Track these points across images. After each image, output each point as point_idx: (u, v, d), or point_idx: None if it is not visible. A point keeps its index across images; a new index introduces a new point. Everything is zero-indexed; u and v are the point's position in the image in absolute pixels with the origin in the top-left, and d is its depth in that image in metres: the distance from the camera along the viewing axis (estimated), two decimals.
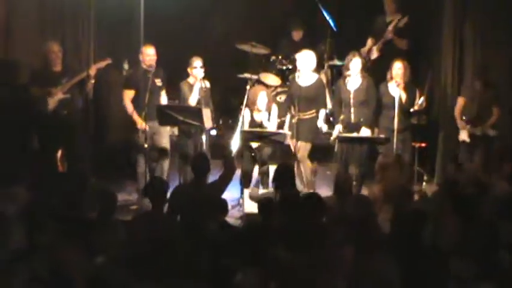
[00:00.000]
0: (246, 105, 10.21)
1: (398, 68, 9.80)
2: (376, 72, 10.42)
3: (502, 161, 9.50)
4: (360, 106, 9.82)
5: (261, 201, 7.21)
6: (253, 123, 10.06)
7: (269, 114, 10.03)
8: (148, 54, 9.89)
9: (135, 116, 9.84)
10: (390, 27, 11.01)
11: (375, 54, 11.23)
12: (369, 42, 11.38)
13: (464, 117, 10.03)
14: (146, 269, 5.96)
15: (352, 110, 9.83)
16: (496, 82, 10.16)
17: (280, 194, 7.74)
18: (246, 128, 10.02)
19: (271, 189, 9.16)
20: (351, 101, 9.81)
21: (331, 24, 11.73)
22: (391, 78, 9.84)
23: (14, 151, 9.85)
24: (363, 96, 9.82)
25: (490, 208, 6.85)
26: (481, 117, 9.93)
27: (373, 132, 9.90)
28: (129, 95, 9.97)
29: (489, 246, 6.05)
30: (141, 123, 9.78)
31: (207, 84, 10.13)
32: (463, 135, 10.00)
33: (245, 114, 10.18)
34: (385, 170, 8.19)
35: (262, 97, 10.01)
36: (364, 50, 11.27)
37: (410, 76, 9.89)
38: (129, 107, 9.93)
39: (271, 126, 10.03)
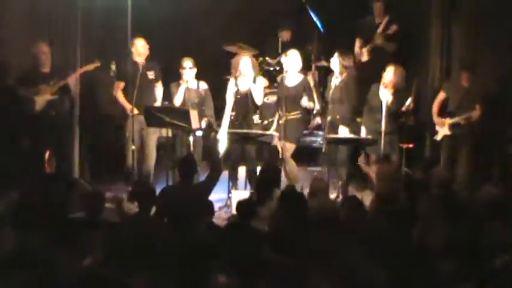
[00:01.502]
0: (231, 75, 10.21)
1: (387, 72, 9.80)
2: (365, 74, 10.46)
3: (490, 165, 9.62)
4: (336, 103, 9.90)
5: (239, 202, 7.26)
6: (237, 93, 10.00)
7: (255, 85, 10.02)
8: (138, 47, 10.05)
9: (125, 103, 9.98)
10: (380, 30, 11.07)
11: (365, 57, 11.27)
12: (357, 42, 11.44)
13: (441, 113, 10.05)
14: (133, 269, 5.99)
15: (330, 106, 9.95)
16: (484, 82, 10.17)
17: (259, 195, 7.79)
18: (231, 96, 10.00)
19: None
20: (329, 98, 9.94)
21: (319, 25, 11.77)
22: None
23: (2, 152, 9.82)
24: (340, 94, 9.87)
25: (479, 209, 6.89)
26: (460, 111, 9.88)
27: (351, 131, 9.93)
28: (119, 86, 10.15)
29: (477, 247, 6.08)
30: (130, 108, 9.89)
31: (203, 85, 10.19)
32: (443, 131, 9.96)
33: (230, 84, 10.13)
34: (384, 178, 8.16)
35: (245, 61, 9.98)
36: (357, 51, 11.35)
37: (402, 81, 9.89)
38: (120, 96, 10.10)
39: (257, 97, 10.01)
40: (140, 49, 10.07)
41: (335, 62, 9.93)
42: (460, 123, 9.84)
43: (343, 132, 9.82)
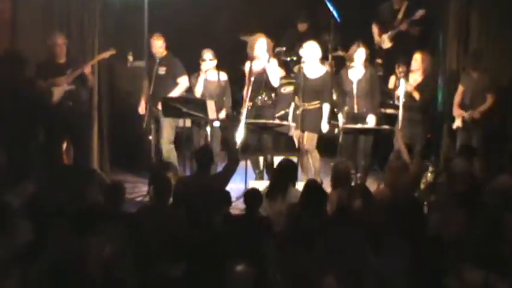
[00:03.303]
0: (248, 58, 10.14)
1: (414, 60, 9.86)
2: (389, 61, 10.44)
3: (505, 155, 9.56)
4: (364, 96, 9.84)
5: (247, 192, 7.28)
6: (251, 73, 9.95)
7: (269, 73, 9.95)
8: (154, 46, 10.09)
9: (142, 100, 10.10)
10: (400, 16, 11.08)
11: (387, 44, 11.26)
12: (374, 28, 11.42)
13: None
14: (151, 259, 6.04)
15: (355, 100, 9.86)
16: (496, 72, 10.10)
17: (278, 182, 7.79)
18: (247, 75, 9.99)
19: None
20: (354, 91, 9.84)
21: (335, 15, 11.73)
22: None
23: (20, 143, 9.86)
24: (367, 87, 9.83)
25: (493, 200, 6.86)
26: (473, 103, 9.84)
27: (379, 120, 9.90)
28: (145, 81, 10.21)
29: (492, 237, 6.07)
30: (141, 108, 10.05)
31: (223, 76, 10.19)
32: (457, 122, 9.91)
33: (246, 66, 10.11)
34: (395, 174, 8.13)
35: (260, 43, 9.95)
36: (378, 40, 11.34)
37: (430, 67, 9.89)
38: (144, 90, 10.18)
39: (273, 77, 9.96)
40: (152, 48, 10.12)
41: (361, 55, 9.84)
42: (473, 117, 9.78)
43: (371, 120, 9.79)
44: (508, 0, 10.26)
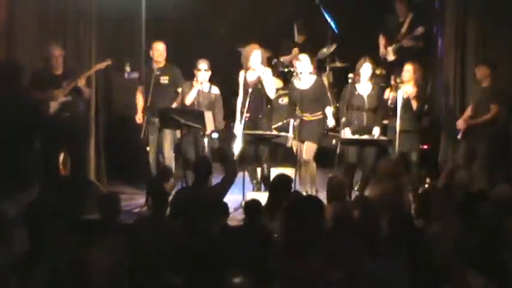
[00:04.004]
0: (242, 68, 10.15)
1: (406, 71, 9.83)
2: (393, 74, 10.48)
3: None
4: (373, 110, 9.86)
5: (246, 203, 7.24)
6: (246, 85, 9.96)
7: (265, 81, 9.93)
8: (157, 50, 10.09)
9: (139, 109, 10.12)
10: (404, 30, 11.11)
11: (391, 57, 11.27)
12: (381, 39, 11.42)
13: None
14: (148, 271, 6.00)
15: (365, 114, 9.85)
16: (501, 81, 10.09)
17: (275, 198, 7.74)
18: (241, 87, 10.01)
19: None
20: (365, 105, 9.83)
21: (333, 26, 11.74)
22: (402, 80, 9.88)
23: (16, 154, 9.83)
24: (376, 102, 9.85)
25: (492, 208, 6.84)
26: (478, 112, 9.84)
27: (382, 132, 9.90)
28: (140, 89, 10.23)
29: (492, 245, 6.04)
30: (138, 118, 10.08)
31: (215, 90, 10.12)
32: (460, 134, 9.94)
33: (240, 76, 10.10)
34: (383, 175, 8.11)
35: (255, 55, 9.93)
36: (383, 51, 11.35)
37: (421, 79, 9.90)
38: (139, 101, 10.22)
39: (269, 88, 9.96)
40: (155, 52, 10.08)
41: (367, 70, 9.83)
42: (476, 123, 9.78)
43: (377, 132, 9.81)
44: (503, 10, 10.27)
